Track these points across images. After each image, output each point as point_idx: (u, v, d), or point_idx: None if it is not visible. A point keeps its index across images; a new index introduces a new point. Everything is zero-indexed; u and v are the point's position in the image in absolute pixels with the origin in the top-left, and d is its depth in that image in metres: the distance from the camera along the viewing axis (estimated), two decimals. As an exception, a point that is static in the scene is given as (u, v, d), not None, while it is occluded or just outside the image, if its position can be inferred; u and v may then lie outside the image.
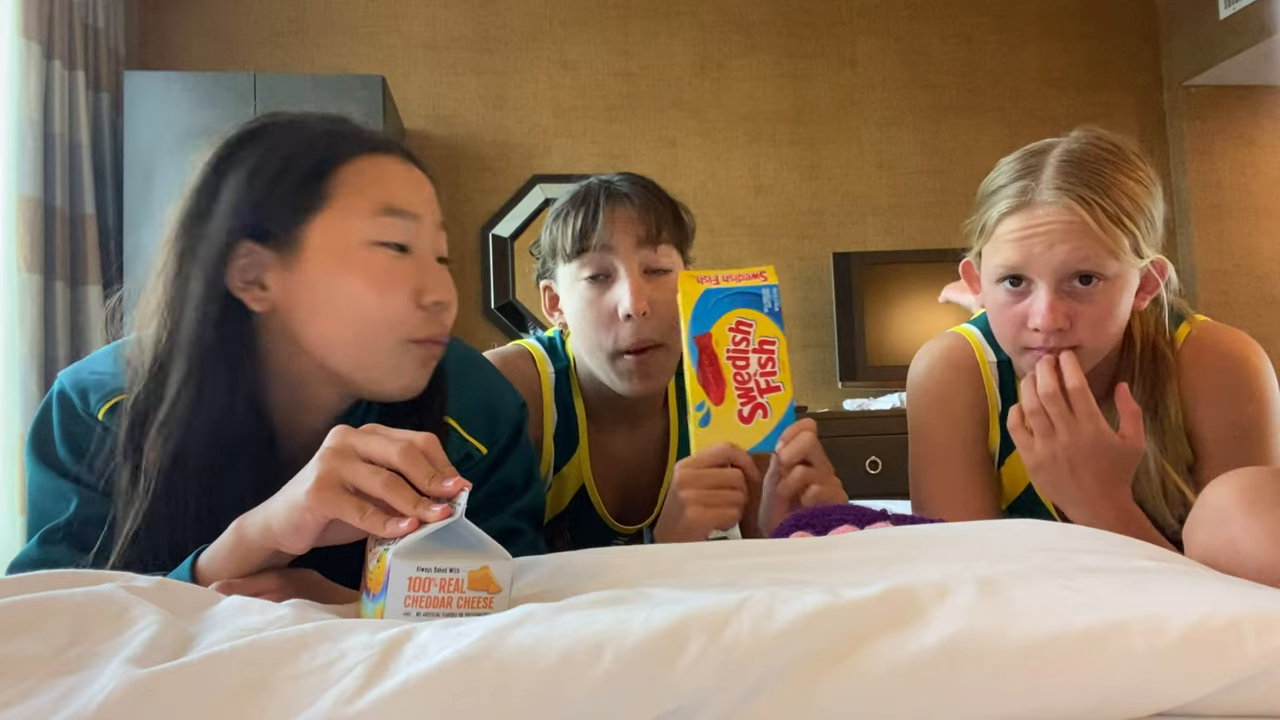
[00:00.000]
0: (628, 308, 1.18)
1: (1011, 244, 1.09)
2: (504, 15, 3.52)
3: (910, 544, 0.80)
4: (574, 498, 1.33)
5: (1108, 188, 1.06)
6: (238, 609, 0.63)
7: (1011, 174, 1.12)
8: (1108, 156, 1.08)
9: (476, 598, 0.65)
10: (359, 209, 0.87)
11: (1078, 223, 1.05)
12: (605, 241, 1.19)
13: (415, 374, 0.91)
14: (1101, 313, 1.08)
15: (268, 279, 0.87)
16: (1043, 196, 1.07)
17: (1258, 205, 3.67)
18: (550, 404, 1.31)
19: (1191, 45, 3.62)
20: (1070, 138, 1.13)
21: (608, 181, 1.25)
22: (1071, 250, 1.05)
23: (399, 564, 0.65)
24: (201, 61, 3.33)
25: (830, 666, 0.50)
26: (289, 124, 0.90)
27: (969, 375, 1.25)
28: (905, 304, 3.41)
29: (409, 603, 0.64)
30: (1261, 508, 0.75)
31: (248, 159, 0.87)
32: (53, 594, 0.58)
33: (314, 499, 0.69)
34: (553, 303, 1.31)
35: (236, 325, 0.86)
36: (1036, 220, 1.07)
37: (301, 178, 0.86)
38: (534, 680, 0.49)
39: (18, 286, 2.50)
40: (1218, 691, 0.51)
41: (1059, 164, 1.08)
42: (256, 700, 0.48)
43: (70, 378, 0.93)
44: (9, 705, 0.48)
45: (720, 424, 1.08)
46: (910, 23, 3.71)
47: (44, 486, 0.90)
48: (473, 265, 3.44)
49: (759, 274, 1.11)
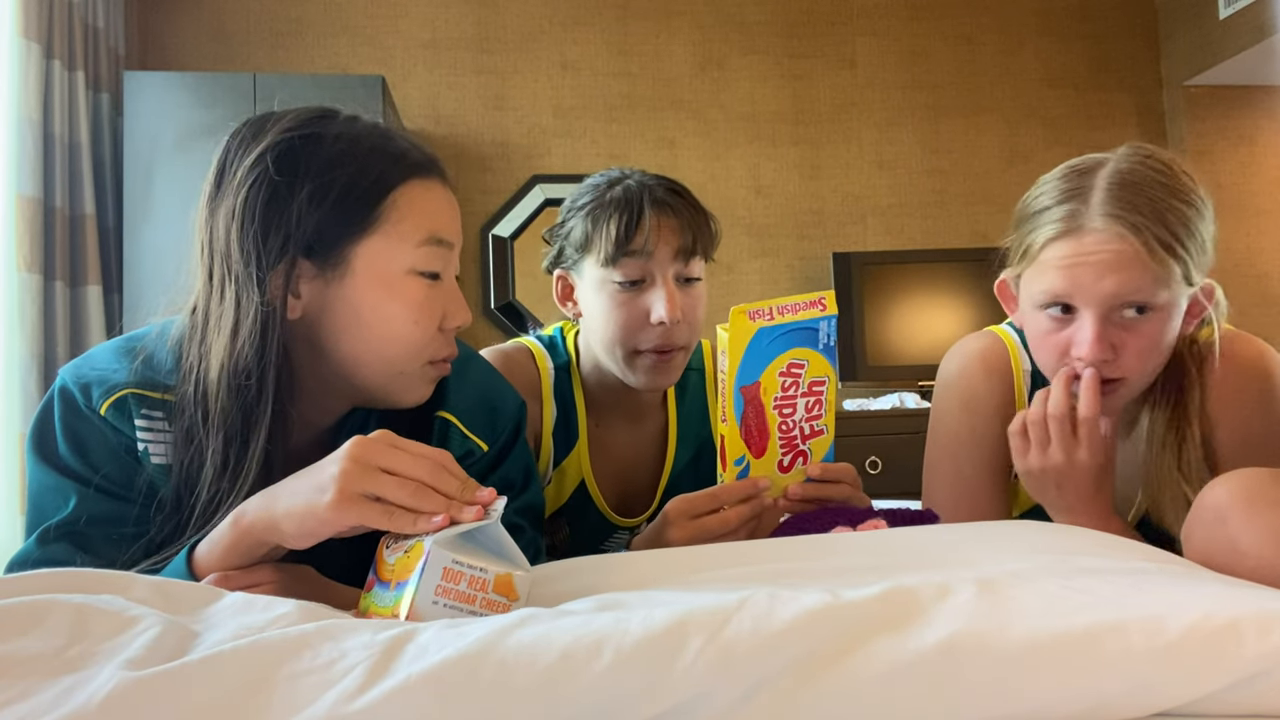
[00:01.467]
0: (663, 315, 1.19)
1: (1059, 271, 1.04)
2: (504, 15, 3.52)
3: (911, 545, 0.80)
4: (574, 492, 1.34)
5: (1161, 213, 1.00)
6: (240, 608, 0.63)
7: (1058, 195, 1.06)
8: (1159, 179, 1.03)
9: (497, 601, 0.67)
10: (407, 236, 0.88)
11: (1129, 252, 1.00)
12: (647, 250, 1.19)
13: (426, 389, 0.94)
14: (1149, 343, 1.04)
15: (303, 288, 0.87)
16: (1093, 223, 1.02)
17: (1258, 205, 3.67)
18: (549, 399, 1.32)
19: (1191, 45, 3.62)
20: (1119, 155, 1.07)
21: (646, 184, 1.24)
22: (1122, 281, 1.00)
23: (438, 552, 0.67)
24: (201, 61, 3.33)
25: (830, 666, 0.50)
26: (339, 138, 0.89)
27: (1001, 379, 1.21)
28: (905, 304, 3.41)
29: (439, 592, 0.66)
30: (1260, 506, 0.75)
31: (305, 173, 0.86)
32: (53, 596, 0.58)
33: (335, 512, 0.71)
34: (566, 293, 1.31)
35: (276, 331, 0.86)
36: (1085, 249, 1.02)
37: (357, 200, 0.87)
38: (534, 678, 0.49)
39: (17, 286, 2.50)
40: (1217, 691, 0.51)
41: (1109, 186, 1.03)
42: (258, 699, 0.48)
43: (72, 373, 0.92)
44: (9, 704, 0.48)
45: (757, 475, 1.04)
46: (910, 23, 3.71)
47: (44, 484, 0.90)
48: (473, 265, 3.44)
49: (817, 302, 1.02)
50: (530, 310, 3.39)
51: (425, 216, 0.89)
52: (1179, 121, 3.69)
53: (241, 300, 0.85)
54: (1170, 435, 1.12)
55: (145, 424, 0.89)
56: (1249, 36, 3.33)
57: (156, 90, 2.88)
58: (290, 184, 0.85)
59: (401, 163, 0.90)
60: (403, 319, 0.88)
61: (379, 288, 0.87)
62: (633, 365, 1.23)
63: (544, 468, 1.32)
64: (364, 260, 0.87)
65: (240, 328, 0.85)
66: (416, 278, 0.89)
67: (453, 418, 0.98)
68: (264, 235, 0.85)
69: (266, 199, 0.85)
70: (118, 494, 0.88)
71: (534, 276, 3.41)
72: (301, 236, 0.85)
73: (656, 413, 1.38)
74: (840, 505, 1.06)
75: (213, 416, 0.86)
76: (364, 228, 0.87)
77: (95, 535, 0.86)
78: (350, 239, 0.87)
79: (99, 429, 0.89)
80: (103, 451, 0.89)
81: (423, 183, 0.90)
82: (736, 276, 3.53)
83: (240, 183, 0.86)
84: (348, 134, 0.90)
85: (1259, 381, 1.12)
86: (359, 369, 0.90)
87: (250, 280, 0.84)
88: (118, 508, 0.87)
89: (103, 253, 2.88)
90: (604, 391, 1.32)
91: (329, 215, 0.85)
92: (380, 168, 0.88)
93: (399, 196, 0.88)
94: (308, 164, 0.86)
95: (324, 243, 0.86)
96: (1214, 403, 1.13)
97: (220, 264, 0.87)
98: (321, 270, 0.87)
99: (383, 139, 0.91)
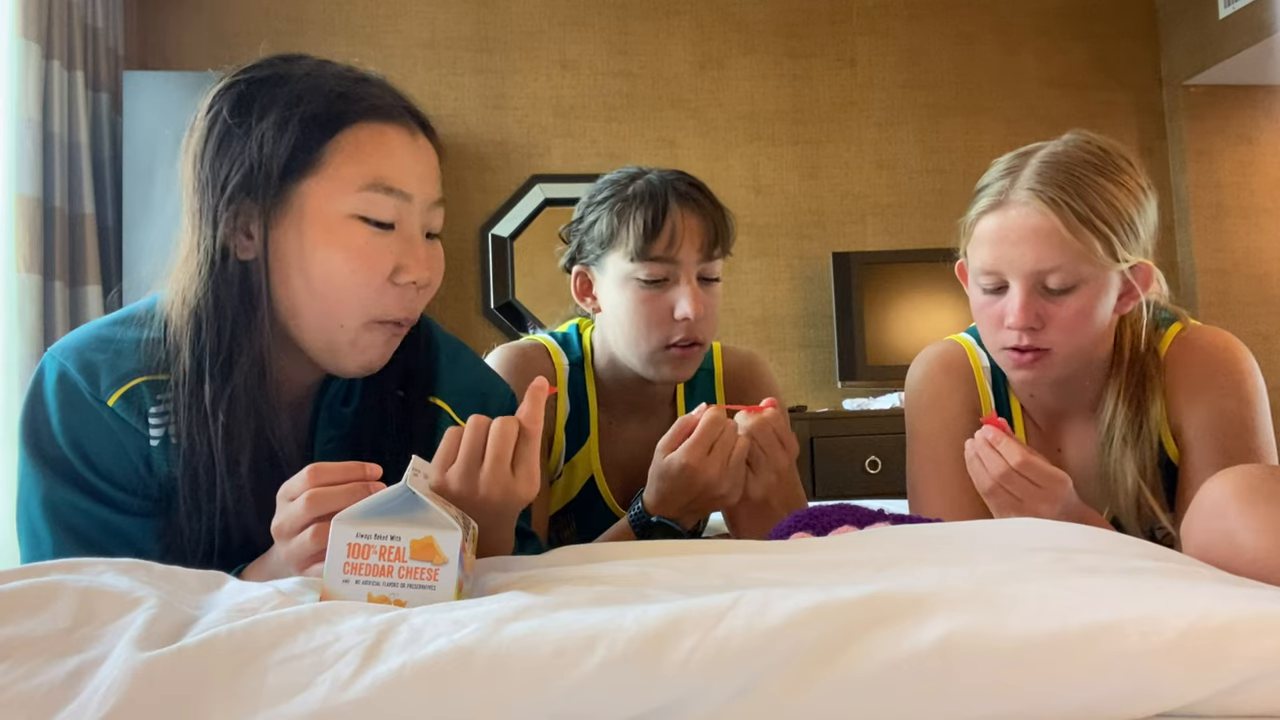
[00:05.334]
0: (687, 311, 1.20)
1: (986, 244, 1.10)
2: (504, 15, 3.52)
3: (910, 544, 0.80)
4: (583, 487, 1.35)
5: (1082, 190, 1.06)
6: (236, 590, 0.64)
7: (996, 174, 1.13)
8: (1089, 159, 1.08)
9: (420, 568, 0.64)
10: (349, 179, 0.84)
11: (1046, 225, 1.05)
12: (674, 248, 1.20)
13: (376, 354, 0.89)
14: (1074, 316, 1.08)
15: (252, 229, 0.85)
16: (1016, 197, 1.08)
17: (1257, 205, 3.67)
18: (563, 395, 1.33)
19: (1191, 45, 3.62)
20: (1061, 140, 1.12)
21: (668, 179, 1.26)
22: (1041, 254, 1.06)
23: (339, 528, 0.64)
24: (201, 61, 3.32)
25: (824, 664, 0.50)
26: (304, 77, 0.86)
27: (962, 379, 1.27)
28: (905, 304, 3.41)
29: (349, 569, 0.63)
30: (1258, 501, 0.76)
31: (257, 112, 0.84)
32: (61, 578, 0.59)
33: (305, 568, 0.74)
34: (585, 288, 1.31)
35: (222, 269, 0.84)
36: (1008, 222, 1.08)
37: (302, 139, 0.83)
38: (528, 672, 0.49)
39: (16, 286, 2.49)
40: (1214, 693, 0.51)
41: (1038, 165, 1.09)
42: (251, 683, 0.49)
43: (74, 358, 0.86)
44: (14, 685, 0.48)
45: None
46: (910, 23, 3.71)
47: (34, 488, 0.83)
48: (472, 265, 3.43)
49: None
50: (530, 310, 3.39)
51: (372, 160, 0.85)
52: (1179, 121, 3.68)
53: (198, 239, 0.84)
54: (1130, 436, 1.15)
55: (160, 410, 0.85)
56: (1249, 36, 3.32)
57: (156, 90, 2.88)
58: (241, 123, 0.84)
59: (357, 104, 0.86)
60: (338, 265, 0.84)
61: (319, 230, 0.84)
62: (654, 359, 1.24)
63: (555, 463, 1.34)
64: (307, 200, 0.84)
65: (197, 265, 0.84)
66: (359, 223, 0.84)
67: (444, 404, 0.97)
68: (213, 174, 0.84)
69: (219, 137, 0.84)
70: (121, 504, 0.83)
71: (533, 276, 3.41)
72: (247, 175, 0.83)
73: (666, 410, 1.39)
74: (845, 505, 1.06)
75: (184, 355, 0.84)
76: (306, 168, 0.84)
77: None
78: (292, 178, 0.84)
79: (105, 424, 0.83)
80: (107, 452, 0.83)
81: (377, 125, 0.86)
82: (736, 276, 3.52)
83: (198, 120, 0.86)
84: (313, 74, 0.87)
85: (1225, 367, 1.15)
86: (298, 318, 0.86)
87: (200, 218, 0.84)
88: (122, 522, 0.83)
89: (102, 252, 2.87)
90: (617, 388, 1.34)
91: (273, 153, 0.83)
92: (332, 107, 0.85)
93: (345, 138, 0.84)
94: (262, 103, 0.84)
95: (267, 182, 0.83)
96: (1179, 390, 1.16)
97: (185, 205, 0.86)
98: (265, 210, 0.84)
99: (343, 79, 0.87)
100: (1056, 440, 1.24)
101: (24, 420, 0.85)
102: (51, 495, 0.83)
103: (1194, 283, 3.60)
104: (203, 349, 0.83)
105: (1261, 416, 1.14)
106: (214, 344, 0.83)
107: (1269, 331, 3.50)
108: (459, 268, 3.39)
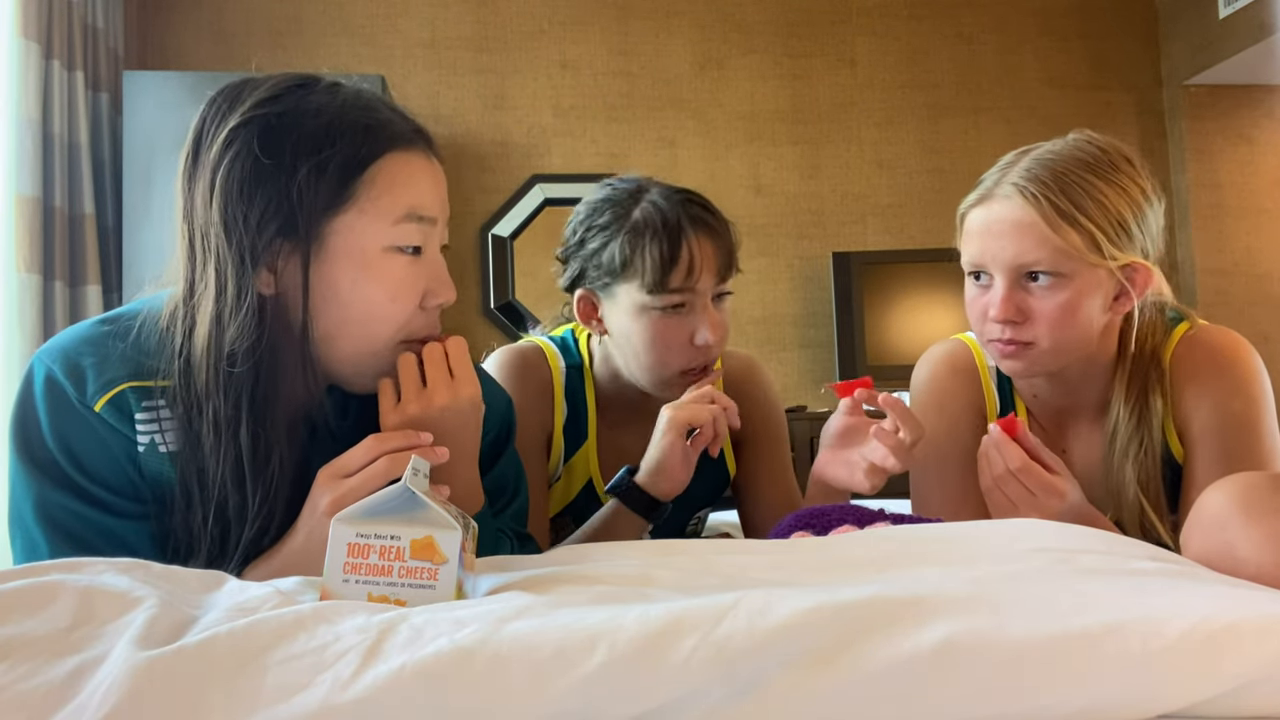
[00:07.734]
0: (708, 339, 1.19)
1: (972, 238, 1.12)
2: (504, 15, 3.51)
3: (911, 544, 0.80)
4: (580, 490, 1.35)
5: (1066, 186, 1.06)
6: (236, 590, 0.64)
7: (992, 170, 1.14)
8: (1084, 157, 1.09)
9: (420, 568, 0.64)
10: (384, 213, 0.85)
11: (1026, 220, 1.06)
12: (693, 278, 1.18)
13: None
14: (1056, 309, 1.07)
15: (280, 265, 0.84)
16: (1000, 191, 1.09)
17: (1257, 205, 3.67)
18: (561, 398, 1.32)
19: (1191, 45, 3.62)
20: (1063, 139, 1.12)
21: (674, 201, 1.21)
22: (1021, 248, 1.07)
23: (338, 528, 0.64)
24: (201, 61, 3.32)
25: (825, 665, 0.50)
26: (320, 112, 0.85)
27: (968, 378, 1.26)
28: (905, 304, 3.41)
29: (349, 569, 0.64)
30: (1259, 513, 0.75)
31: (283, 150, 0.82)
32: (60, 578, 0.59)
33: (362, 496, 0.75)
34: (589, 312, 1.27)
35: (256, 311, 0.83)
36: (991, 214, 1.10)
37: (333, 176, 0.83)
38: (528, 672, 0.49)
39: (16, 286, 2.49)
40: (1216, 696, 0.51)
41: (1029, 162, 1.09)
42: (252, 682, 0.49)
43: (61, 361, 0.84)
44: (14, 684, 0.48)
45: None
46: (910, 23, 3.70)
47: (26, 492, 0.83)
48: (472, 265, 3.43)
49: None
50: (530, 310, 3.39)
51: (404, 191, 0.86)
52: (1179, 121, 3.68)
53: (223, 280, 0.82)
54: (1135, 438, 1.14)
55: (146, 416, 0.84)
56: (1249, 36, 3.32)
57: (156, 90, 2.88)
58: (267, 161, 0.82)
59: (380, 135, 0.86)
60: (380, 297, 0.85)
61: (357, 265, 0.84)
62: (668, 384, 1.24)
63: (554, 465, 1.34)
64: (341, 237, 0.84)
65: (222, 308, 0.82)
66: (395, 254, 0.86)
67: None
68: (243, 214, 0.82)
69: (244, 176, 0.82)
70: (114, 508, 0.83)
71: (533, 276, 3.41)
72: (279, 214, 0.82)
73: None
74: (846, 505, 1.06)
75: (200, 398, 0.83)
76: (340, 204, 0.84)
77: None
78: (327, 216, 0.83)
79: (94, 429, 0.83)
80: (97, 456, 0.83)
81: (402, 155, 0.87)
82: (736, 276, 3.52)
83: (218, 156, 0.83)
84: (329, 106, 0.86)
85: (1231, 367, 1.15)
86: (333, 346, 0.87)
87: (230, 260, 0.82)
88: (116, 525, 0.83)
89: (102, 252, 2.87)
90: (618, 395, 1.33)
91: (306, 192, 0.82)
92: (358, 141, 0.85)
93: (376, 171, 0.85)
94: (286, 140, 0.83)
95: (301, 220, 0.83)
96: (1187, 395, 1.15)
97: (200, 240, 0.84)
98: (298, 248, 0.83)
99: (363, 110, 0.87)
100: (1062, 441, 1.24)
101: (14, 424, 0.84)
102: (44, 499, 0.83)
103: (1194, 283, 3.59)
104: (234, 384, 0.83)
105: (1268, 416, 1.14)
106: (250, 379, 0.83)
107: (1269, 331, 3.50)
108: (459, 268, 3.38)
